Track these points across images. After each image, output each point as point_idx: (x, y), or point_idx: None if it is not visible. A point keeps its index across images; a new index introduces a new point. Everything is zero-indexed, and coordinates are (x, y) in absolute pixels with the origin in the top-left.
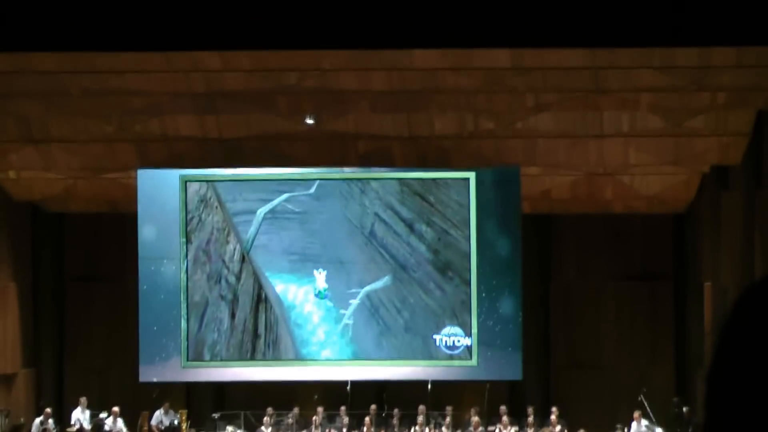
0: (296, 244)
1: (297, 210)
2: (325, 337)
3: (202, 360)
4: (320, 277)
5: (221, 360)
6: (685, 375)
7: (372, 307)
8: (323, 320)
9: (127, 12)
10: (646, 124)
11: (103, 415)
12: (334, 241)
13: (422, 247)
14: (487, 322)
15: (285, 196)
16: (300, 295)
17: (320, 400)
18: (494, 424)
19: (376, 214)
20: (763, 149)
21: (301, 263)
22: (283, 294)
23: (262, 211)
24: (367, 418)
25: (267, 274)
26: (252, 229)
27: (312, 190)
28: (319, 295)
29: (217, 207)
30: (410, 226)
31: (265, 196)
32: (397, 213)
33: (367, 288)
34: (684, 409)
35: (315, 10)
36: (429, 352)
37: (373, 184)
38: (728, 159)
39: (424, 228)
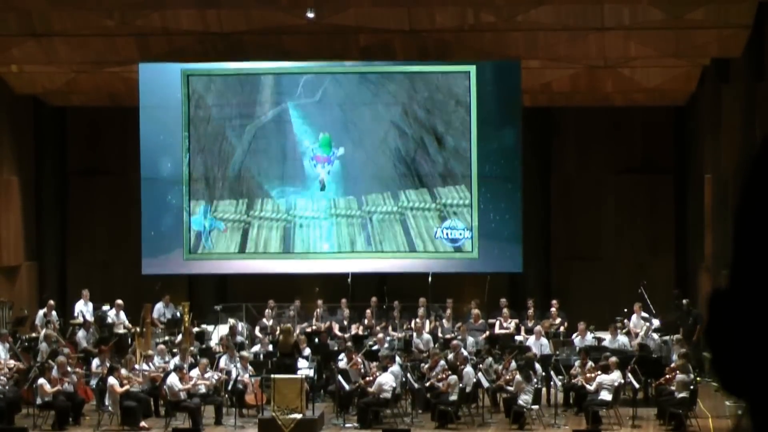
0: (295, 148)
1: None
2: (327, 235)
3: (204, 252)
4: (322, 169)
5: (223, 252)
6: (685, 267)
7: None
8: (324, 219)
9: None
10: (647, 17)
11: (105, 307)
12: (338, 142)
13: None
14: (487, 216)
15: (275, 110)
16: (301, 201)
17: (321, 292)
18: (494, 316)
19: (393, 123)
20: (764, 42)
21: (300, 168)
22: (284, 203)
23: (252, 127)
24: (368, 311)
25: (265, 186)
26: (239, 151)
27: (316, 98)
28: (322, 189)
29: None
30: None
31: (263, 98)
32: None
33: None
34: (684, 301)
35: None
36: (430, 245)
37: (390, 87)
38: (729, 51)
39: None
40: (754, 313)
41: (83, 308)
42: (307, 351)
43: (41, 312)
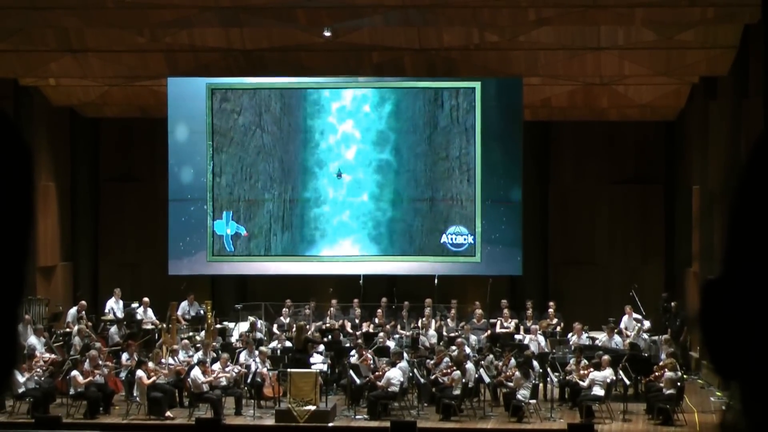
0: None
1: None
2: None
3: (226, 255)
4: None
5: (244, 255)
6: (673, 272)
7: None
8: (339, 225)
9: None
10: (640, 37)
11: (134, 305)
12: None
13: None
14: (490, 222)
15: (294, 123)
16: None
17: (335, 292)
18: (496, 316)
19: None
20: (749, 61)
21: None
22: (301, 209)
23: (272, 138)
24: (378, 310)
25: (281, 193)
26: (260, 159)
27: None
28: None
29: None
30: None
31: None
32: None
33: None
34: (672, 303)
35: None
36: (436, 249)
37: (403, 100)
38: (716, 70)
39: None
40: (746, 299)
41: (114, 305)
42: (321, 347)
43: (74, 309)
